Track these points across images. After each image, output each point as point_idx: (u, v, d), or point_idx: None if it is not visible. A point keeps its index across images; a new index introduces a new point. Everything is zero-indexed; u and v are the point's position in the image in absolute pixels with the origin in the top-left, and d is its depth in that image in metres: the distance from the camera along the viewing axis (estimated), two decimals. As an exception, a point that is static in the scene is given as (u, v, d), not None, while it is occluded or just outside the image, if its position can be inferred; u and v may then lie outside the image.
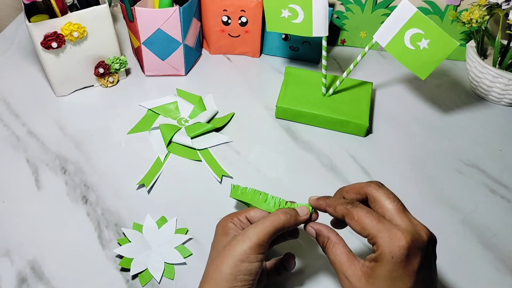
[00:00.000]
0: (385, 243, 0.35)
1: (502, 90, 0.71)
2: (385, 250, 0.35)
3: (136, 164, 0.62)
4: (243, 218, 0.44)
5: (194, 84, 0.75)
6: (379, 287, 0.35)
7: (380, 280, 0.35)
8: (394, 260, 0.35)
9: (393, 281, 0.35)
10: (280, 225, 0.40)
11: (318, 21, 0.61)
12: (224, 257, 0.39)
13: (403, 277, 0.35)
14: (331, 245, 0.39)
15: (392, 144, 0.67)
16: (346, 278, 0.37)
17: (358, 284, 0.36)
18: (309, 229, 0.43)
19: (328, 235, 0.40)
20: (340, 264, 0.38)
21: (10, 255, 0.52)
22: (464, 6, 0.76)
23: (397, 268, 0.35)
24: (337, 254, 0.38)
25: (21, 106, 0.70)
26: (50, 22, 0.62)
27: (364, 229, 0.37)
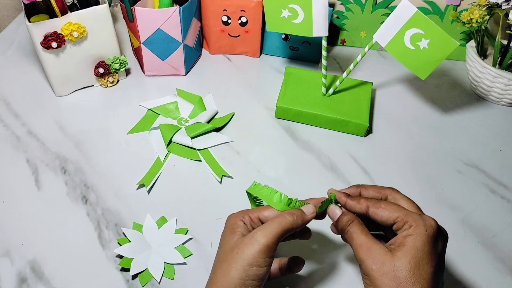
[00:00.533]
0: (418, 221, 0.37)
1: (502, 90, 0.71)
2: (420, 225, 0.37)
3: (136, 164, 0.62)
4: (255, 218, 0.42)
5: (194, 84, 0.75)
6: (408, 259, 0.36)
7: (411, 251, 0.36)
8: (427, 234, 0.37)
9: (423, 255, 0.36)
10: (288, 226, 0.40)
11: (318, 21, 0.61)
12: (233, 260, 0.38)
13: (431, 254, 0.36)
14: (357, 224, 0.39)
15: (392, 144, 0.67)
16: (369, 251, 0.37)
17: (385, 257, 0.36)
18: (333, 209, 0.42)
19: (354, 217, 0.40)
20: (365, 239, 0.38)
21: (10, 255, 0.52)
22: (464, 6, 0.76)
23: (429, 243, 0.36)
24: (362, 232, 0.39)
25: (21, 106, 0.70)
26: (50, 22, 0.62)
27: (393, 213, 0.38)
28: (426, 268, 0.36)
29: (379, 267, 0.36)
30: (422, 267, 0.36)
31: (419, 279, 0.35)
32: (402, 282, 0.35)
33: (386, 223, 0.39)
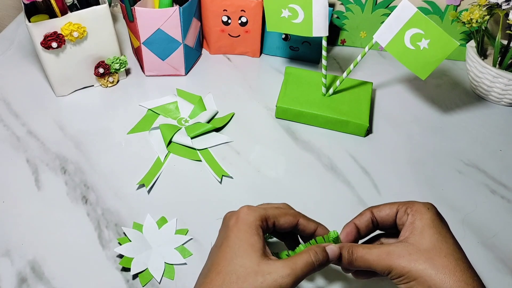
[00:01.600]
0: (418, 203, 0.39)
1: (502, 90, 0.71)
2: (421, 206, 0.38)
3: (136, 164, 0.62)
4: (271, 223, 0.40)
5: (194, 84, 0.75)
6: (427, 235, 0.37)
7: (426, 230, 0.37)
8: (431, 211, 0.38)
9: (439, 227, 0.37)
10: (311, 270, 0.38)
11: (318, 21, 0.61)
12: (254, 286, 0.36)
13: (443, 227, 0.38)
14: (359, 249, 0.39)
15: (392, 144, 0.67)
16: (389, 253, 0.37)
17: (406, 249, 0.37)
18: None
19: (350, 244, 0.40)
20: (378, 249, 0.38)
21: (10, 255, 0.52)
22: (464, 6, 0.76)
23: (437, 218, 0.38)
24: (369, 247, 0.38)
25: (21, 106, 0.70)
26: (50, 22, 0.62)
27: (393, 206, 0.40)
28: (448, 240, 0.37)
29: (409, 259, 0.36)
30: (444, 239, 0.37)
31: (448, 251, 0.36)
32: (435, 257, 0.36)
33: (390, 217, 0.40)
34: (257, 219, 0.39)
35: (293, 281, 0.36)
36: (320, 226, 0.43)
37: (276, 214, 0.41)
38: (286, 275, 0.36)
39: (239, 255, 0.37)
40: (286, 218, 0.41)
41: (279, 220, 0.41)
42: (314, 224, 0.43)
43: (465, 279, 0.35)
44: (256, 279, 0.36)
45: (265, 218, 0.40)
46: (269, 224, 0.40)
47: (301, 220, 0.42)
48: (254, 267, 0.37)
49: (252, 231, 0.38)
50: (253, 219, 0.39)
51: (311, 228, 0.43)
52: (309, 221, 0.43)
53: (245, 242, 0.38)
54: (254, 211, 0.40)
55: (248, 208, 0.40)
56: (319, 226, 0.43)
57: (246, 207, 0.41)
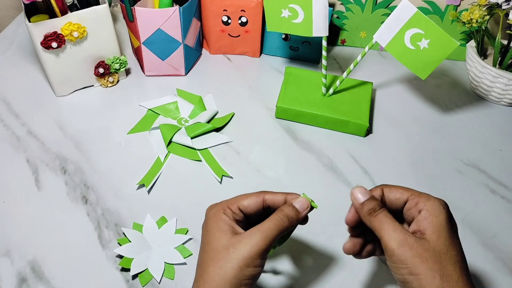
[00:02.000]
0: (431, 199, 0.38)
1: (502, 90, 0.71)
2: (435, 203, 0.38)
3: (136, 164, 0.62)
4: (235, 209, 0.41)
5: (194, 84, 0.75)
6: (443, 239, 0.36)
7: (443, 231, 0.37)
8: (445, 210, 0.38)
9: (452, 231, 0.37)
10: (285, 228, 0.40)
11: (318, 21, 0.61)
12: (228, 260, 0.38)
13: (453, 230, 0.38)
14: (386, 211, 0.39)
15: (392, 144, 0.67)
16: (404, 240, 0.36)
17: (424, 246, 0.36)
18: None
19: (380, 202, 0.40)
20: (401, 229, 0.37)
21: (10, 255, 0.52)
22: (464, 6, 0.76)
23: (450, 217, 0.38)
24: (393, 220, 0.38)
25: (21, 106, 0.70)
26: (50, 22, 0.62)
27: (406, 192, 0.39)
28: (457, 247, 0.37)
29: (420, 253, 0.36)
30: (455, 245, 0.37)
31: (457, 259, 0.36)
32: (445, 263, 0.35)
33: (398, 202, 0.40)
34: (219, 209, 0.41)
35: (266, 244, 0.38)
36: (289, 194, 0.43)
37: (237, 199, 0.42)
38: (258, 239, 0.38)
39: (210, 242, 0.40)
40: (249, 199, 0.42)
41: (242, 202, 0.42)
42: (281, 195, 0.42)
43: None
44: (227, 252, 0.38)
45: (227, 205, 0.41)
46: (233, 209, 0.41)
47: (267, 195, 0.42)
48: (224, 244, 0.38)
49: (217, 219, 0.40)
50: (215, 210, 0.41)
51: (279, 199, 0.42)
52: (275, 194, 0.42)
53: (213, 230, 0.40)
54: (216, 205, 0.42)
55: (211, 205, 0.43)
56: (287, 195, 0.43)
57: (210, 205, 0.43)
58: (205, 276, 0.38)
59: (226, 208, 0.41)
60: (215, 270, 0.38)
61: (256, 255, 0.38)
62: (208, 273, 0.38)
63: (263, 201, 0.42)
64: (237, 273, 0.37)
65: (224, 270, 0.37)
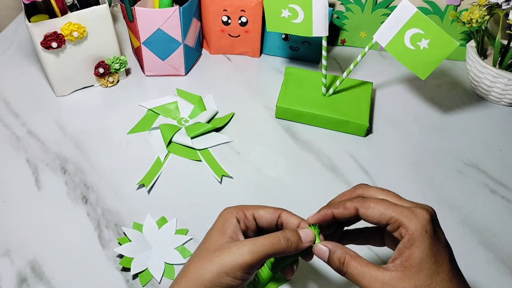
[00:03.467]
0: (413, 222, 0.34)
1: (502, 90, 0.71)
2: (418, 227, 0.34)
3: (136, 164, 0.62)
4: (249, 215, 0.40)
5: (194, 84, 0.75)
6: (425, 271, 0.34)
7: (423, 263, 0.34)
8: (428, 234, 0.34)
9: (435, 257, 0.34)
10: (279, 251, 0.38)
11: (318, 21, 0.61)
12: (210, 261, 0.37)
13: (440, 251, 0.34)
14: (352, 260, 0.36)
15: (392, 144, 0.67)
16: (385, 286, 0.34)
17: (403, 284, 0.34)
18: (319, 249, 0.38)
19: (345, 251, 0.37)
20: (372, 276, 0.35)
21: (10, 255, 0.52)
22: (464, 6, 0.76)
23: (433, 242, 0.34)
24: (363, 266, 0.36)
25: (21, 106, 0.70)
26: (50, 22, 0.62)
27: (385, 214, 0.35)
28: (444, 268, 0.34)
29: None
30: (438, 274, 0.34)
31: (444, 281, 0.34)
32: None
33: (379, 224, 0.37)
34: (232, 211, 0.40)
35: (252, 258, 0.36)
36: (304, 221, 0.41)
37: (255, 206, 0.41)
38: (245, 251, 0.36)
39: (207, 241, 0.39)
40: (266, 209, 0.41)
41: (258, 211, 0.41)
42: (296, 218, 0.41)
43: None
44: (213, 255, 0.37)
45: (242, 210, 0.40)
46: (246, 214, 0.40)
47: (284, 213, 0.41)
48: (215, 246, 0.38)
49: (225, 220, 0.40)
50: (229, 211, 0.41)
51: (293, 222, 0.41)
52: (291, 215, 0.41)
53: (215, 230, 0.40)
54: (232, 207, 0.41)
55: (228, 207, 0.42)
56: (302, 220, 0.41)
57: (228, 207, 0.42)
58: (186, 270, 0.38)
59: (240, 212, 0.40)
60: (195, 268, 0.37)
61: (238, 267, 0.36)
62: (189, 269, 0.38)
63: (279, 217, 0.41)
64: (214, 279, 0.36)
65: (203, 270, 0.37)
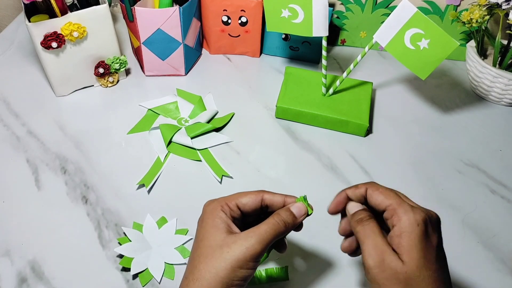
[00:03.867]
0: (408, 214, 0.36)
1: (502, 90, 0.71)
2: (410, 220, 0.36)
3: (136, 164, 0.62)
4: (233, 206, 0.41)
5: (194, 84, 0.75)
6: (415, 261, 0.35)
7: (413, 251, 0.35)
8: (419, 228, 0.36)
9: (424, 251, 0.35)
10: (280, 233, 0.39)
11: (318, 21, 0.61)
12: (222, 259, 0.37)
13: (429, 250, 0.36)
14: (374, 222, 0.38)
15: (392, 144, 0.67)
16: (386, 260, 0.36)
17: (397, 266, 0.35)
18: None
19: (370, 215, 0.39)
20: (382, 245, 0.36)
21: (10, 255, 0.52)
22: (464, 6, 0.76)
23: (423, 237, 0.36)
24: (379, 233, 0.37)
25: (21, 106, 0.70)
26: (50, 22, 0.62)
27: (387, 199, 0.38)
28: (431, 265, 0.35)
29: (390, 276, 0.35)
30: (427, 264, 0.35)
31: (429, 277, 0.35)
32: (415, 285, 0.35)
33: (378, 208, 0.39)
34: (216, 206, 0.41)
35: (262, 247, 0.37)
36: (288, 196, 0.42)
37: (236, 196, 0.42)
38: (254, 242, 0.37)
39: (205, 239, 0.39)
40: (248, 196, 0.41)
41: (241, 199, 0.41)
42: (280, 196, 0.42)
43: None
44: (221, 251, 0.37)
45: (225, 202, 0.41)
46: (230, 206, 0.41)
47: (266, 195, 0.42)
48: (218, 243, 0.38)
49: (213, 215, 0.40)
50: (213, 206, 0.41)
51: (278, 201, 0.42)
52: (274, 195, 0.42)
53: (208, 226, 0.39)
54: (214, 201, 0.42)
55: (209, 201, 0.42)
56: (286, 197, 0.42)
57: (208, 201, 0.42)
58: (196, 273, 0.38)
59: (224, 204, 0.41)
60: (206, 268, 0.37)
61: (250, 258, 0.37)
62: (199, 270, 0.38)
63: (262, 200, 0.42)
64: (230, 274, 0.37)
65: (216, 269, 0.37)
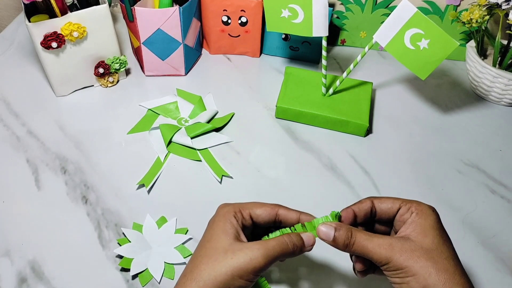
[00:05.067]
0: (421, 205, 0.39)
1: (502, 90, 0.71)
2: (424, 208, 0.38)
3: (136, 164, 0.62)
4: (246, 215, 0.41)
5: (194, 84, 0.75)
6: (431, 238, 0.37)
7: (430, 231, 0.37)
8: (436, 215, 0.38)
9: (442, 237, 0.37)
10: (286, 254, 0.39)
11: (318, 21, 0.61)
12: (224, 264, 0.37)
13: (444, 232, 0.38)
14: (357, 231, 0.38)
15: (392, 144, 0.67)
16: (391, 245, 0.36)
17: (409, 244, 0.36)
18: (323, 229, 0.39)
19: (349, 227, 0.39)
20: (378, 239, 0.37)
21: (10, 255, 0.52)
22: (464, 6, 0.76)
23: (439, 222, 0.38)
24: (369, 235, 0.38)
25: (21, 106, 0.70)
26: (50, 22, 0.62)
27: (395, 202, 0.39)
28: (448, 244, 0.37)
29: (410, 255, 0.36)
30: (445, 242, 0.37)
31: (449, 254, 0.36)
32: (437, 258, 0.36)
33: (390, 211, 0.40)
34: (230, 210, 0.41)
35: (266, 262, 0.37)
36: (303, 214, 0.42)
37: (252, 205, 0.41)
38: (259, 255, 0.37)
39: (212, 240, 0.39)
40: (263, 208, 0.41)
41: (255, 210, 0.41)
42: (295, 213, 0.42)
43: (463, 283, 0.35)
44: (226, 256, 0.37)
45: (239, 209, 0.41)
46: (244, 214, 0.41)
47: (281, 210, 0.41)
48: (224, 247, 0.38)
49: (225, 219, 0.40)
50: (227, 210, 0.41)
51: (292, 217, 0.41)
52: (289, 211, 0.42)
53: (218, 229, 0.39)
54: (229, 205, 0.42)
55: (224, 204, 0.42)
56: (301, 214, 0.42)
57: (224, 204, 0.42)
58: (195, 272, 0.37)
59: (238, 211, 0.41)
60: (206, 269, 0.37)
61: (252, 270, 0.37)
62: (199, 270, 0.37)
63: (276, 215, 0.41)
64: (228, 280, 0.36)
65: (216, 272, 0.36)
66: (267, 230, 0.43)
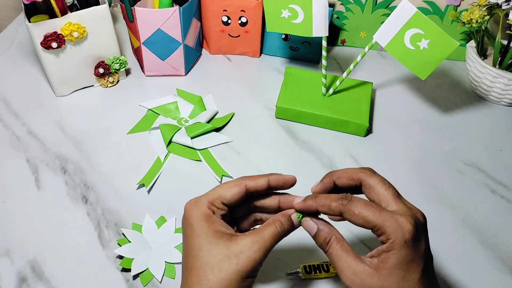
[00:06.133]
0: (395, 230, 0.35)
1: (502, 90, 0.71)
2: (398, 236, 0.35)
3: (136, 164, 0.62)
4: (219, 204, 0.40)
5: (194, 84, 0.75)
6: (394, 276, 0.35)
7: (395, 269, 0.35)
8: (407, 244, 0.35)
9: (408, 265, 0.35)
10: (279, 239, 0.39)
11: (318, 21, 0.61)
12: (232, 272, 0.36)
13: (415, 260, 0.35)
14: (335, 242, 0.38)
15: (392, 144, 0.67)
16: (354, 275, 0.36)
17: (371, 280, 0.35)
18: (308, 224, 0.39)
19: (331, 232, 0.38)
20: (347, 262, 0.36)
21: (10, 255, 0.52)
22: (464, 6, 0.76)
23: (410, 252, 0.35)
24: (343, 251, 0.37)
25: (21, 106, 0.70)
26: (50, 22, 0.62)
27: (369, 222, 0.36)
28: (413, 277, 0.35)
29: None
30: (409, 277, 0.35)
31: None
32: None
33: (364, 227, 0.37)
34: (204, 208, 0.39)
35: (264, 254, 0.38)
36: (271, 175, 0.41)
37: (218, 192, 0.40)
38: (257, 249, 0.37)
39: (205, 247, 0.38)
40: (231, 190, 0.40)
41: (225, 195, 0.40)
42: (263, 178, 0.41)
43: None
44: (231, 263, 0.37)
45: (210, 203, 0.40)
46: (217, 205, 0.40)
47: (248, 182, 0.40)
48: (224, 252, 0.37)
49: (207, 221, 0.39)
50: (201, 211, 0.39)
51: (262, 184, 0.41)
52: (256, 179, 0.41)
53: (205, 234, 0.38)
54: (198, 202, 0.40)
55: (191, 203, 0.40)
56: (269, 176, 0.41)
57: (189, 204, 0.41)
58: (204, 283, 0.37)
59: (209, 204, 0.39)
60: (215, 280, 0.36)
61: (257, 265, 0.37)
62: (208, 281, 0.36)
63: (246, 189, 0.40)
64: (239, 285, 0.37)
65: (226, 282, 0.36)
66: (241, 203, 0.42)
